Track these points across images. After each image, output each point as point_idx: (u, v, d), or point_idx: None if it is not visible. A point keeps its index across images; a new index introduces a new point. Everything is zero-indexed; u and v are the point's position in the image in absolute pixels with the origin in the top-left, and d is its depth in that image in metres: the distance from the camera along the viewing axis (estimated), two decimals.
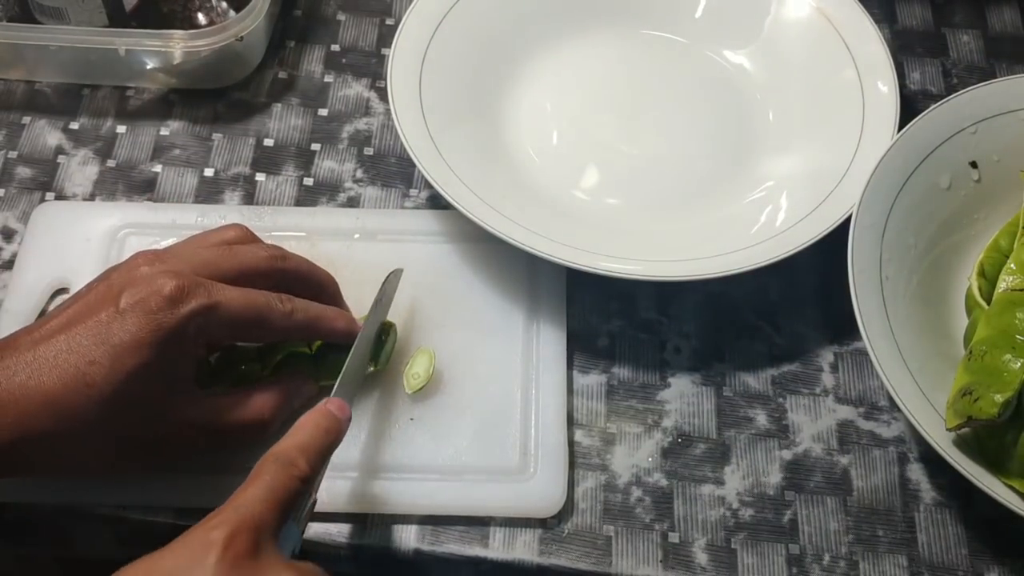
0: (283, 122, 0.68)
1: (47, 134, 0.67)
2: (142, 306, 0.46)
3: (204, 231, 0.54)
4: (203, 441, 0.50)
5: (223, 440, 0.51)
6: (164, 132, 0.67)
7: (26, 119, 0.67)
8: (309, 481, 0.45)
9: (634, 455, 0.56)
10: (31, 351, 0.46)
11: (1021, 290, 0.54)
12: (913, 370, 0.52)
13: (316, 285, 0.54)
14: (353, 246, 0.61)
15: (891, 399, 0.54)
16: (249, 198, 0.64)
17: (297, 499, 0.44)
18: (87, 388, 0.45)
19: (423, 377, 0.55)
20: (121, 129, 0.67)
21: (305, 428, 0.47)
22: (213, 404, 0.50)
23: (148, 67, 0.67)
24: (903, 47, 0.73)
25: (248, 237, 0.54)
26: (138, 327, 0.46)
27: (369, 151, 0.67)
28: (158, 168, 0.66)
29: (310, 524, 0.52)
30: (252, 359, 0.54)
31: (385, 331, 0.55)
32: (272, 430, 0.51)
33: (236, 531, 0.41)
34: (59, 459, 0.47)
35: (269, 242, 0.55)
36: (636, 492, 0.55)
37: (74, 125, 0.67)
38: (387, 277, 0.57)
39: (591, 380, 0.58)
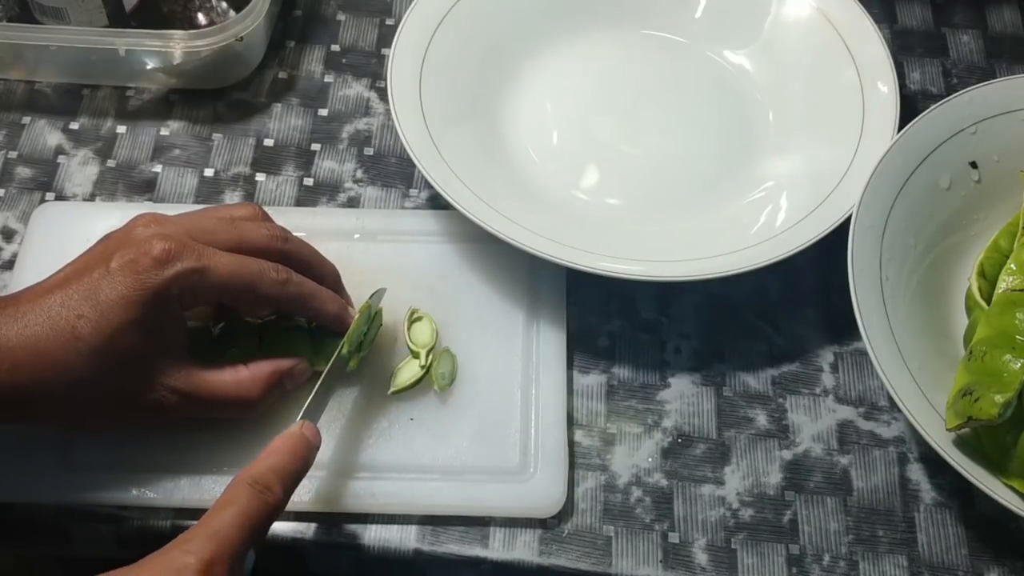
0: (283, 122, 0.68)
1: (47, 134, 0.67)
2: (131, 266, 0.47)
3: (217, 205, 0.54)
4: (186, 409, 0.50)
5: (207, 411, 0.51)
6: (164, 132, 0.67)
7: (26, 119, 0.67)
8: (281, 509, 0.45)
9: (634, 455, 0.56)
10: (30, 304, 0.47)
11: (1021, 290, 0.54)
12: (913, 370, 0.52)
13: (317, 272, 0.54)
14: (353, 246, 0.61)
15: (891, 399, 0.54)
16: (249, 198, 0.64)
17: (268, 526, 0.45)
18: (75, 341, 0.46)
19: (449, 377, 0.56)
20: (121, 129, 0.67)
21: (281, 452, 0.47)
22: (201, 374, 0.50)
23: (148, 67, 0.67)
24: (903, 47, 0.73)
25: (257, 217, 0.54)
26: (124, 285, 0.47)
27: (369, 151, 0.67)
28: (158, 168, 0.66)
29: (313, 524, 0.53)
30: (254, 334, 0.54)
31: (370, 320, 0.55)
32: (259, 410, 0.52)
33: (212, 560, 0.41)
34: (52, 408, 0.49)
35: None
36: (636, 492, 0.55)
37: (74, 125, 0.67)
38: (371, 295, 0.56)
39: (591, 380, 0.58)
